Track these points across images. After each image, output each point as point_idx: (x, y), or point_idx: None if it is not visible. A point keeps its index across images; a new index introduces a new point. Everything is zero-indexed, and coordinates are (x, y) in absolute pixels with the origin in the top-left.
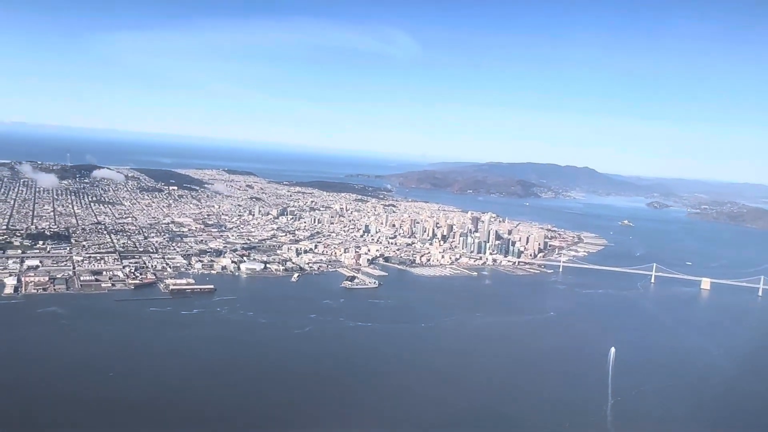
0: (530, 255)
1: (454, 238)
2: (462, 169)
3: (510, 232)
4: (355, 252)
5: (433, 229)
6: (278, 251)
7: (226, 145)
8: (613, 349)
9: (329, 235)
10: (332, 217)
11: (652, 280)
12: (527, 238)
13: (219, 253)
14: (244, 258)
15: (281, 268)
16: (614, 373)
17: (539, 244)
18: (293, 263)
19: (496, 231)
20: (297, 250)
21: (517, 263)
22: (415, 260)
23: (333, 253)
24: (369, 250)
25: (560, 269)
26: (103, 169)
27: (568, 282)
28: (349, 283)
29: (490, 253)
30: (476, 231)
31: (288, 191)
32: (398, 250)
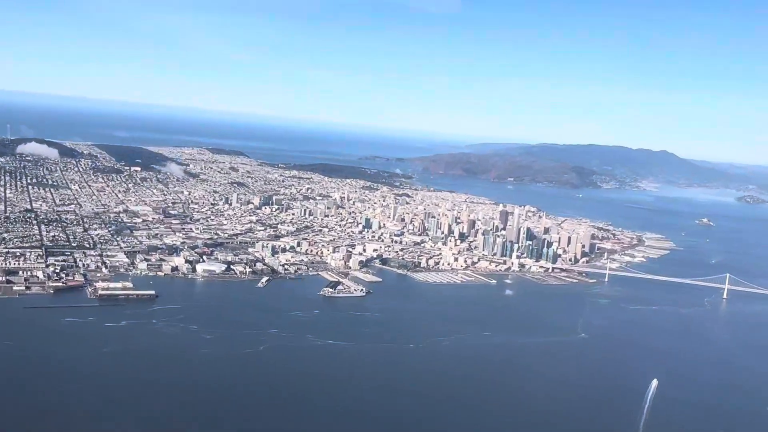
0: (569, 260)
1: (475, 236)
2: (505, 151)
3: (547, 231)
4: (346, 252)
5: (450, 226)
6: (250, 249)
7: (227, 120)
8: (654, 383)
9: (320, 231)
10: (328, 208)
11: (725, 296)
12: (568, 239)
13: (174, 250)
14: (203, 257)
15: (248, 270)
16: (650, 413)
17: (583, 246)
18: (265, 264)
19: (528, 229)
20: (273, 248)
21: (550, 270)
22: (420, 263)
23: (318, 253)
24: (364, 250)
25: (606, 278)
26: (30, 143)
27: (614, 295)
28: (330, 290)
29: (518, 257)
30: (504, 228)
31: (281, 175)
32: (402, 250)
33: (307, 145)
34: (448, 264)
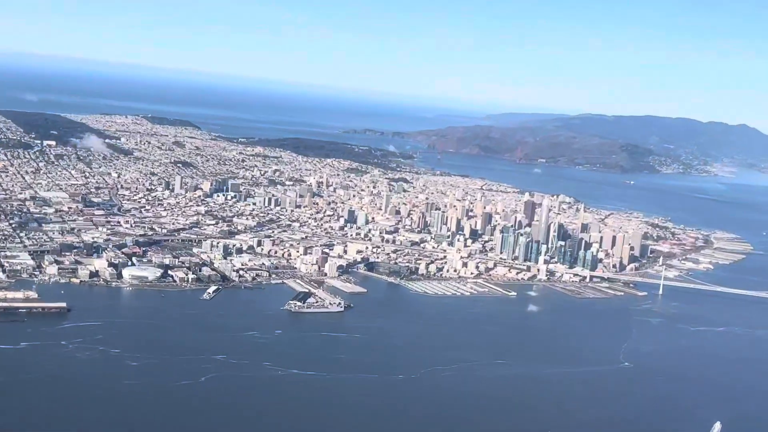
0: (613, 266)
1: (492, 234)
2: (537, 123)
3: (586, 228)
4: (321, 254)
5: (460, 221)
6: (195, 249)
7: (170, 79)
8: (718, 426)
9: (289, 226)
10: (301, 196)
11: None
12: (613, 239)
13: (94, 250)
14: (133, 259)
15: (190, 276)
16: None
17: (632, 249)
18: (213, 269)
19: (561, 225)
20: (225, 248)
21: (588, 279)
22: (418, 269)
23: (285, 255)
24: (345, 252)
25: (660, 290)
26: None
27: (670, 312)
28: (298, 304)
29: (546, 261)
30: (529, 225)
31: (240, 153)
32: (395, 252)
33: (278, 113)
34: (455, 271)
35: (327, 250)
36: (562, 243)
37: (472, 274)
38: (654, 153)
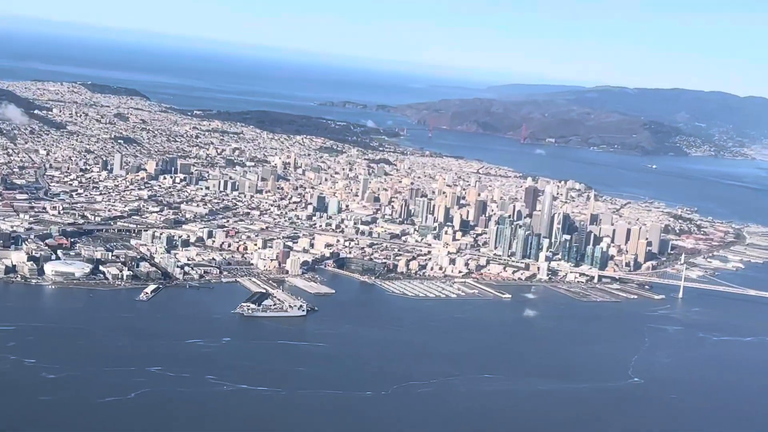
0: (626, 265)
1: (486, 226)
2: (546, 97)
3: (596, 220)
4: (283, 248)
5: (449, 210)
6: (133, 241)
7: (117, 40)
8: None
9: (247, 214)
10: (263, 179)
11: None
12: (627, 232)
13: (12, 240)
14: (58, 252)
15: (125, 273)
16: None
17: (649, 245)
18: (153, 265)
19: (567, 217)
20: (170, 240)
21: (596, 279)
22: (397, 266)
23: (241, 249)
24: (311, 245)
25: (680, 293)
26: None
27: (690, 319)
28: (252, 306)
29: (548, 259)
30: (530, 216)
31: (194, 128)
32: (372, 246)
33: (243, 82)
34: (441, 269)
35: (290, 244)
36: (568, 237)
37: (460, 272)
38: (682, 132)
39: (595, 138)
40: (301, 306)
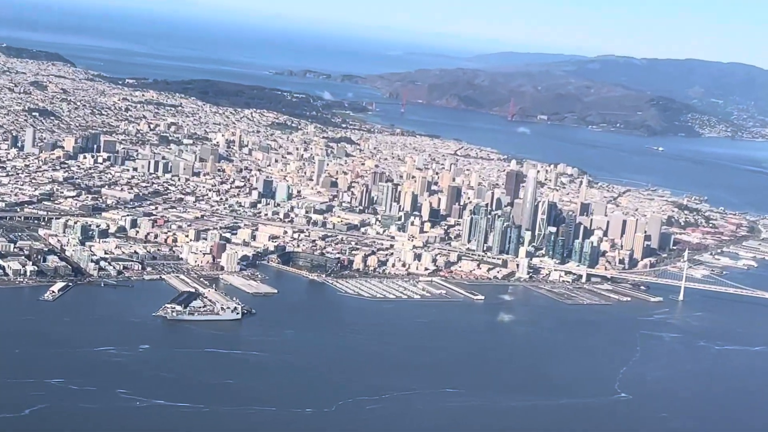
0: (620, 262)
1: (461, 216)
2: (541, 67)
3: (587, 210)
4: (218, 240)
5: (417, 197)
6: (42, 231)
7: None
8: None
9: (180, 200)
10: (202, 159)
11: None
12: (623, 225)
13: None
14: None
15: (29, 268)
16: None
17: (647, 239)
18: (63, 259)
19: (553, 206)
20: (85, 229)
21: (584, 278)
22: (353, 262)
23: (169, 241)
24: (252, 238)
25: (681, 295)
26: None
27: (690, 325)
28: (177, 308)
29: (529, 254)
30: (510, 204)
31: (124, 100)
32: (326, 238)
33: (187, 46)
34: (404, 265)
35: (228, 236)
36: (554, 230)
37: (426, 270)
38: (695, 110)
39: (594, 115)
40: (235, 308)
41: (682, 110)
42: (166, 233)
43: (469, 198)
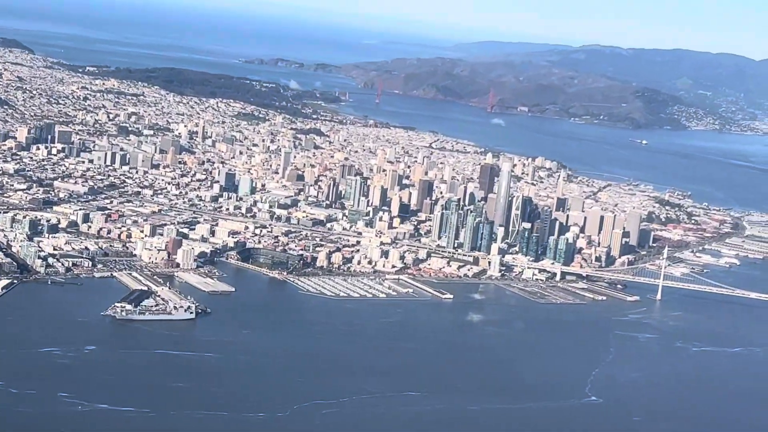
0: (597, 259)
1: (431, 212)
2: (523, 57)
3: (563, 206)
4: (174, 236)
5: (387, 191)
6: None
7: None
8: None
9: (137, 194)
10: (162, 151)
11: None
12: (600, 220)
13: None
14: None
15: None
16: None
17: (625, 236)
18: (8, 255)
19: (528, 200)
20: (34, 224)
21: (558, 276)
22: (316, 259)
23: (123, 236)
24: (211, 233)
25: (658, 294)
26: None
27: (667, 325)
28: (127, 307)
29: (502, 251)
30: (484, 199)
31: (84, 89)
32: (289, 234)
33: (156, 33)
34: (370, 262)
35: (186, 231)
36: (528, 226)
37: (393, 267)
38: (682, 101)
39: (577, 107)
40: (189, 307)
41: (668, 102)
42: (120, 228)
43: (441, 192)
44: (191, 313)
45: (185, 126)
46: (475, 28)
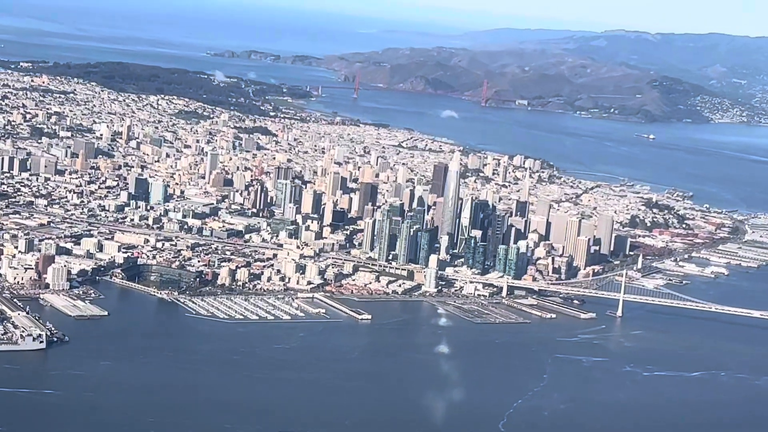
0: (554, 271)
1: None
2: (536, 45)
3: (524, 209)
4: (44, 253)
5: (321, 196)
6: None
7: None
8: None
9: (29, 204)
10: (74, 155)
11: None
12: (567, 224)
13: None
14: None
15: None
16: None
17: (595, 245)
18: None
19: (482, 204)
20: None
21: (505, 291)
22: (217, 277)
23: None
24: (99, 248)
25: (618, 311)
26: None
27: (621, 347)
28: None
29: (443, 264)
30: (433, 205)
31: (7, 86)
32: (196, 248)
33: (122, 26)
34: (283, 279)
35: (70, 246)
36: (476, 233)
37: (310, 284)
38: (706, 91)
39: (584, 99)
40: (39, 336)
41: (690, 92)
42: None
43: (384, 197)
44: (41, 342)
45: (108, 127)
46: (494, 13)
